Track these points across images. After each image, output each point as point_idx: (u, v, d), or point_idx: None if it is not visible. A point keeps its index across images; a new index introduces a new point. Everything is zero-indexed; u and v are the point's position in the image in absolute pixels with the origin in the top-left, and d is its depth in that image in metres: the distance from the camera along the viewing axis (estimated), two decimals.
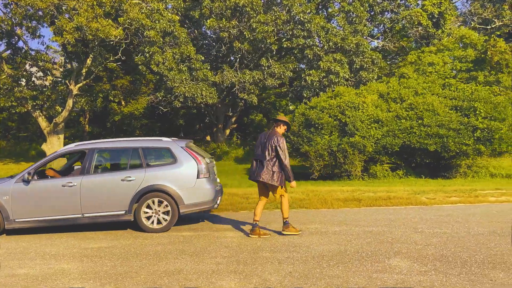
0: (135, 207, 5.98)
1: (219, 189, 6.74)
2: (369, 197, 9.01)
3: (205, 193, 6.07)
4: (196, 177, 6.02)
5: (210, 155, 7.97)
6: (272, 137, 5.45)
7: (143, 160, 6.16)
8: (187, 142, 6.67)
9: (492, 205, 7.83)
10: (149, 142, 6.66)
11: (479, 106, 14.73)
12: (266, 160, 5.41)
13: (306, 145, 15.51)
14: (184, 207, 5.96)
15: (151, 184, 5.97)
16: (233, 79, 20.73)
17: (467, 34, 22.89)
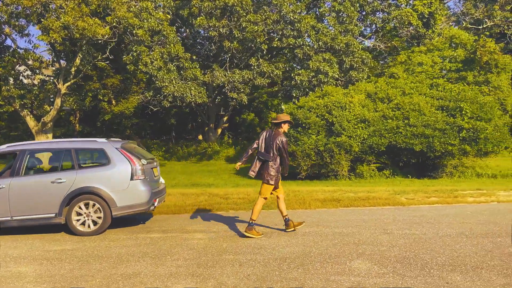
0: (66, 210, 5.88)
1: (158, 190, 6.59)
2: (348, 197, 8.99)
3: (140, 195, 5.99)
4: (130, 179, 5.95)
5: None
6: (277, 137, 5.57)
7: (75, 162, 6.07)
8: (124, 142, 6.56)
9: (469, 206, 7.83)
10: (83, 143, 6.56)
11: (465, 106, 14.75)
12: (270, 160, 5.55)
13: (293, 145, 15.48)
14: (117, 209, 5.89)
15: (82, 186, 5.88)
16: (222, 78, 20.68)
17: (457, 34, 22.95)
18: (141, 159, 6.20)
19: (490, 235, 5.32)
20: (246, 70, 21.13)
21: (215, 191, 10.37)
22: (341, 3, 21.90)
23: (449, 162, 14.92)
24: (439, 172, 15.11)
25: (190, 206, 8.08)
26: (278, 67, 21.17)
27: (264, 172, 5.62)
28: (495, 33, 29.82)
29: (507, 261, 4.25)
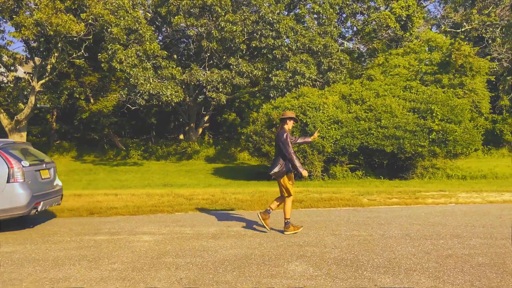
0: None
1: (45, 193, 6.37)
2: (312, 198, 9.03)
3: (17, 198, 5.80)
4: (6, 182, 5.77)
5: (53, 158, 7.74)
6: (278, 135, 5.74)
7: None
8: (4, 143, 6.30)
9: (426, 207, 7.94)
10: None
11: (436, 108, 14.99)
12: (276, 157, 5.74)
13: (267, 145, 15.51)
14: None
15: None
16: (201, 77, 20.58)
17: (433, 37, 23.32)
18: (22, 161, 5.99)
19: (434, 237, 5.40)
20: (226, 69, 21.07)
21: (182, 192, 10.29)
22: (320, 5, 22.01)
23: (419, 164, 15.14)
24: (410, 173, 15.34)
25: (150, 207, 7.98)
26: (257, 67, 21.17)
27: (273, 169, 5.78)
28: (473, 36, 30.37)
29: (442, 264, 4.31)
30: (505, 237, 5.32)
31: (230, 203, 8.52)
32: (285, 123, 5.82)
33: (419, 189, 10.55)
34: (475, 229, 5.85)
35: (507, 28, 27.93)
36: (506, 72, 27.64)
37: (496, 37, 28.83)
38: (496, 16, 28.48)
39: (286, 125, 5.82)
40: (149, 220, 6.92)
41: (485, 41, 29.41)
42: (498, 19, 28.43)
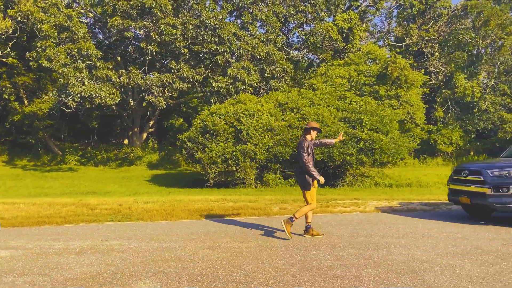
0: None
1: None
2: (224, 207, 8.83)
3: None
4: None
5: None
6: (299, 143, 5.91)
7: None
8: None
9: (331, 215, 7.98)
10: None
11: (365, 118, 15.44)
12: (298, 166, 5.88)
13: (200, 152, 15.20)
14: None
15: None
16: (139, 81, 19.94)
17: (372, 50, 24.22)
18: None
19: (310, 248, 5.34)
20: (167, 74, 20.58)
21: (90, 201, 9.72)
22: (264, 13, 22.17)
23: (348, 172, 15.47)
24: (340, 181, 15.63)
25: (39, 219, 7.39)
26: (199, 72, 20.88)
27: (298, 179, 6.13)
28: (413, 50, 31.95)
29: (298, 277, 4.21)
30: (380, 247, 5.37)
31: (133, 213, 8.11)
32: (308, 133, 5.92)
33: (335, 197, 10.69)
34: (356, 238, 5.89)
35: (443, 43, 29.66)
36: (443, 85, 29.32)
37: (435, 51, 30.55)
38: (434, 31, 30.19)
39: (309, 134, 5.92)
40: (24, 233, 6.37)
41: (425, 55, 31.08)
42: (436, 35, 30.16)
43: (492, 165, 6.88)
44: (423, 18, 31.58)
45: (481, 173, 6.71)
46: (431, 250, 5.25)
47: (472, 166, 7.23)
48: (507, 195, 6.38)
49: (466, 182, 7.06)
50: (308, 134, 5.91)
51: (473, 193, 6.86)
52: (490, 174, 6.58)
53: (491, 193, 6.50)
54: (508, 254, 5.05)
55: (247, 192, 13.81)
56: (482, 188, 6.65)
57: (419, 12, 31.22)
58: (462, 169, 7.28)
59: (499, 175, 6.50)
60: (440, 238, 5.92)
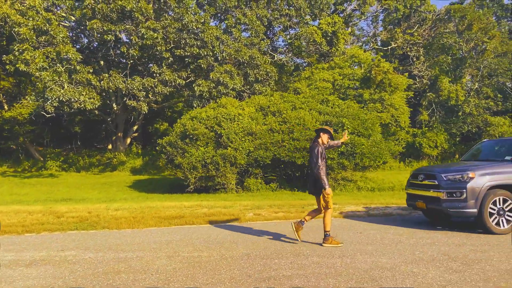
0: None
1: None
2: (196, 214, 8.59)
3: None
4: None
5: None
6: (311, 147, 5.76)
7: None
8: None
9: None
10: None
11: (346, 122, 15.35)
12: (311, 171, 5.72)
13: (179, 157, 14.94)
14: None
15: None
16: (120, 85, 19.61)
17: (356, 53, 24.26)
18: None
19: (272, 256, 5.15)
20: (149, 77, 20.30)
21: (60, 209, 9.39)
22: (247, 17, 22.07)
23: (330, 176, 15.34)
24: None
25: (2, 227, 7.07)
26: (181, 76, 20.63)
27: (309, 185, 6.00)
28: (398, 54, 32.15)
29: None
30: (345, 255, 5.19)
31: (100, 221, 7.83)
32: (320, 137, 5.82)
33: (309, 203, 10.51)
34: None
35: (428, 47, 29.89)
36: (428, 89, 29.51)
37: (420, 55, 30.78)
38: (419, 35, 30.43)
39: (320, 138, 5.81)
40: None
41: (410, 59, 31.30)
42: (421, 38, 30.40)
43: (447, 169, 6.76)
44: (408, 22, 31.85)
45: (436, 177, 6.59)
46: (397, 257, 5.09)
47: (427, 170, 7.11)
48: (461, 199, 6.25)
49: (422, 187, 6.94)
50: (319, 138, 5.81)
51: (428, 198, 6.73)
52: (444, 178, 6.45)
53: (445, 198, 6.37)
54: (474, 260, 4.92)
55: (226, 197, 13.58)
56: (436, 192, 6.52)
57: (404, 16, 31.49)
58: (419, 173, 7.17)
59: (453, 179, 6.37)
60: (408, 244, 5.77)
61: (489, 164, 6.63)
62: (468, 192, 6.20)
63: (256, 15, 22.56)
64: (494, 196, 6.22)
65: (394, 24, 33.25)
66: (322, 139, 5.80)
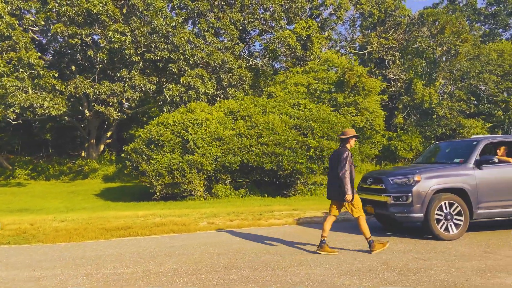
0: None
1: None
2: (145, 224, 8.18)
3: None
4: None
5: None
6: (339, 153, 5.52)
7: None
8: None
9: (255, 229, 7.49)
10: None
11: (316, 125, 15.17)
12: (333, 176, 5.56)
13: (144, 163, 14.49)
14: None
15: None
16: (87, 90, 19.04)
17: (331, 57, 24.25)
18: None
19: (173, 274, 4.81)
20: (118, 82, 19.80)
21: (4, 220, 8.85)
22: (220, 20, 21.82)
23: (299, 181, 15.12)
24: (291, 190, 15.23)
25: None
26: (151, 81, 20.19)
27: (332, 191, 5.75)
28: (374, 58, 32.36)
29: None
30: (280, 267, 4.89)
31: (39, 234, 7.36)
32: (348, 142, 5.60)
33: (278, 208, 10.25)
34: (261, 257, 5.39)
35: (402, 51, 30.16)
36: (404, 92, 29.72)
37: (396, 59, 31.03)
38: (394, 39, 30.69)
39: (348, 143, 5.60)
40: None
41: (387, 63, 31.52)
42: (396, 42, 30.66)
43: (394, 172, 6.56)
44: (384, 27, 32.13)
45: (383, 181, 6.39)
46: (334, 267, 4.82)
47: (376, 174, 6.92)
48: (406, 204, 6.06)
49: (371, 191, 6.74)
50: (347, 143, 5.59)
51: (376, 202, 6.53)
52: (391, 182, 6.26)
53: (392, 202, 6.17)
54: (413, 270, 4.68)
55: (191, 205, 13.20)
56: (383, 196, 6.32)
57: (379, 21, 31.75)
58: (368, 177, 6.98)
59: (400, 182, 6.18)
60: (351, 253, 5.52)
61: (436, 167, 6.45)
62: (414, 196, 6.00)
63: (229, 19, 22.32)
64: (439, 201, 6.03)
65: (370, 29, 33.53)
66: (350, 144, 5.63)
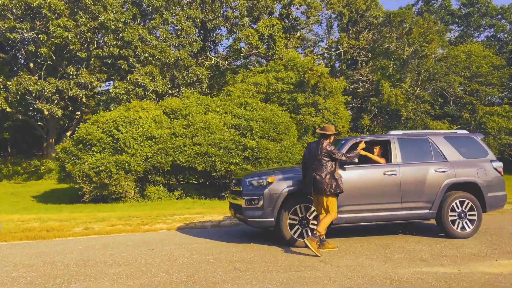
0: None
1: None
2: (12, 229, 7.45)
3: None
4: None
5: None
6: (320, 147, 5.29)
7: None
8: None
9: (127, 235, 6.79)
10: None
11: (255, 125, 14.52)
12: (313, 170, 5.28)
13: (69, 164, 13.75)
14: None
15: None
16: (30, 87, 18.27)
17: (292, 57, 23.65)
18: None
19: None
20: (64, 79, 19.05)
21: None
22: (175, 17, 21.16)
23: None
24: (227, 192, 14.53)
25: None
26: (99, 78, 19.45)
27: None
28: (346, 59, 31.83)
29: None
30: (80, 279, 4.19)
31: None
32: (328, 139, 5.40)
33: (182, 212, 9.57)
34: (77, 268, 4.69)
35: (371, 51, 29.67)
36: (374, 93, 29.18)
37: (369, 60, 30.50)
38: (364, 40, 30.17)
39: (328, 140, 5.40)
40: None
41: (360, 63, 30.99)
42: (366, 43, 30.14)
43: (256, 173, 5.93)
44: (356, 27, 31.63)
45: (241, 183, 5.75)
46: (132, 280, 4.12)
47: (242, 175, 6.28)
48: (258, 207, 5.41)
49: (233, 193, 6.12)
50: (327, 139, 5.39)
51: (236, 206, 5.91)
52: (247, 183, 5.61)
53: (245, 206, 5.53)
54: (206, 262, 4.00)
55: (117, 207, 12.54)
56: (240, 199, 5.69)
57: (352, 21, 31.25)
58: (233, 179, 6.36)
59: (255, 184, 5.54)
60: (178, 263, 4.81)
61: (294, 169, 5.81)
62: (265, 198, 5.36)
63: (187, 16, 21.68)
64: (293, 205, 5.39)
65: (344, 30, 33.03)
66: (330, 140, 5.45)
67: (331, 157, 5.23)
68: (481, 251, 4.97)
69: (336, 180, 5.14)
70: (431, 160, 5.83)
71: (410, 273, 4.07)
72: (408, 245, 5.43)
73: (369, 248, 5.29)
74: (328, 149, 5.23)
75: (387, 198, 5.57)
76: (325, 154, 5.22)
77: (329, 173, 5.14)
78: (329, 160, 5.20)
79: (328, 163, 5.19)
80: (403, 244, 5.50)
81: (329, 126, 5.55)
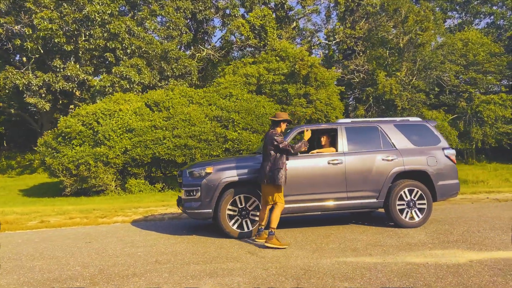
0: None
1: None
2: None
3: None
4: None
5: None
6: (269, 136, 5.10)
7: None
8: None
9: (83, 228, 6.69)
10: None
11: (236, 117, 14.32)
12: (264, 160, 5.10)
13: (49, 157, 13.72)
14: None
15: None
16: (17, 81, 18.25)
17: (284, 47, 23.27)
18: None
19: None
20: (50, 73, 19.00)
21: None
22: (163, 8, 20.91)
23: None
24: None
25: None
26: (86, 70, 19.35)
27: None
28: (343, 49, 31.34)
29: None
30: None
31: None
32: (278, 126, 5.21)
33: (148, 205, 9.45)
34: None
35: (367, 41, 29.11)
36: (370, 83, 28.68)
37: (365, 50, 29.95)
38: (360, 29, 29.61)
39: (279, 127, 5.21)
40: None
41: (357, 53, 30.46)
42: (362, 32, 29.57)
43: (196, 164, 5.71)
44: (353, 16, 31.05)
45: (182, 174, 5.56)
46: (42, 274, 3.99)
47: (187, 166, 6.07)
48: (195, 198, 5.22)
49: (179, 186, 5.94)
50: (278, 126, 5.20)
51: (179, 198, 5.73)
52: (187, 174, 5.41)
53: (185, 197, 5.35)
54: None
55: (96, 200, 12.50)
56: (181, 191, 5.52)
57: (349, 10, 30.67)
58: (178, 171, 6.16)
59: (194, 175, 5.33)
60: (94, 257, 4.68)
61: (237, 158, 5.60)
62: (202, 189, 5.18)
63: (176, 7, 21.41)
64: (231, 195, 5.20)
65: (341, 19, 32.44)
66: (281, 128, 5.25)
67: (276, 147, 5.03)
68: (420, 240, 4.74)
69: (281, 170, 4.92)
70: (380, 148, 5.58)
71: (330, 264, 3.87)
72: (350, 235, 5.22)
73: (308, 239, 5.10)
74: (273, 138, 5.02)
75: (332, 187, 5.35)
76: (271, 142, 5.02)
77: (275, 162, 4.94)
78: (274, 149, 4.99)
79: (273, 152, 4.97)
80: (346, 234, 5.29)
81: (280, 113, 5.34)
